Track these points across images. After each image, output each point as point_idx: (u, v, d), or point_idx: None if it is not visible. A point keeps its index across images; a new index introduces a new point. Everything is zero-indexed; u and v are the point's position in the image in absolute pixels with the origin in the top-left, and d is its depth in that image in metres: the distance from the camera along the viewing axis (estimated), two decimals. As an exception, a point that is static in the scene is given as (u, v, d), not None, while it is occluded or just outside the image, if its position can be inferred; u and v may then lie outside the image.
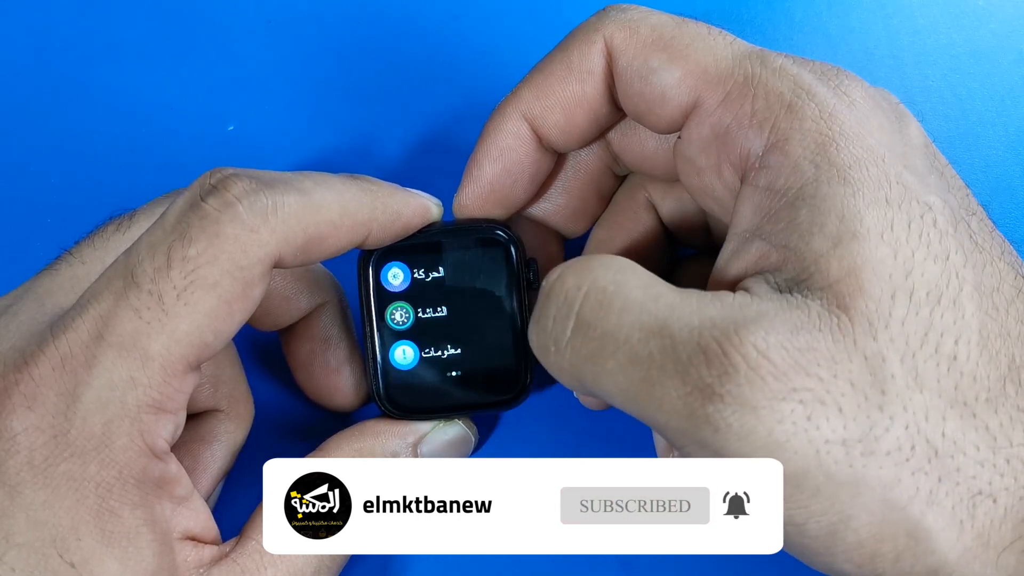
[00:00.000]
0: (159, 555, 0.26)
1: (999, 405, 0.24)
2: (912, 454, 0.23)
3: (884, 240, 0.24)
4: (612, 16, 0.30)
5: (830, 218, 0.25)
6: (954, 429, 0.23)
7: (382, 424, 0.32)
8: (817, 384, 0.23)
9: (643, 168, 0.34)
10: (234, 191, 0.27)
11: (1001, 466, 0.23)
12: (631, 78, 0.30)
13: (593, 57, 0.30)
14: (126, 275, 0.26)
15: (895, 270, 0.24)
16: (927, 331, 0.24)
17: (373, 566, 0.34)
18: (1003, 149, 0.41)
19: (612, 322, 0.25)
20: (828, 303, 0.24)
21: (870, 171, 0.25)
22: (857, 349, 0.23)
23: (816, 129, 0.26)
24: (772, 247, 0.26)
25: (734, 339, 0.23)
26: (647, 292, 0.25)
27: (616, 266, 0.26)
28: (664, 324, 0.24)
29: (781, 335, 0.23)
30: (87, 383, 0.25)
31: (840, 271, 0.24)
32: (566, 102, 0.31)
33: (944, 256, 0.25)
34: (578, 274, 0.26)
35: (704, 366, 0.23)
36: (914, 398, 0.23)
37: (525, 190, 0.33)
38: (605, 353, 0.25)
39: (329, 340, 0.35)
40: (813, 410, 0.23)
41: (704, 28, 0.29)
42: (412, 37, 0.43)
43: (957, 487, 0.23)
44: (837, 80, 0.28)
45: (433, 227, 0.32)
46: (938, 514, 0.23)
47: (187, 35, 0.43)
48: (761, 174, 0.27)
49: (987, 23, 0.43)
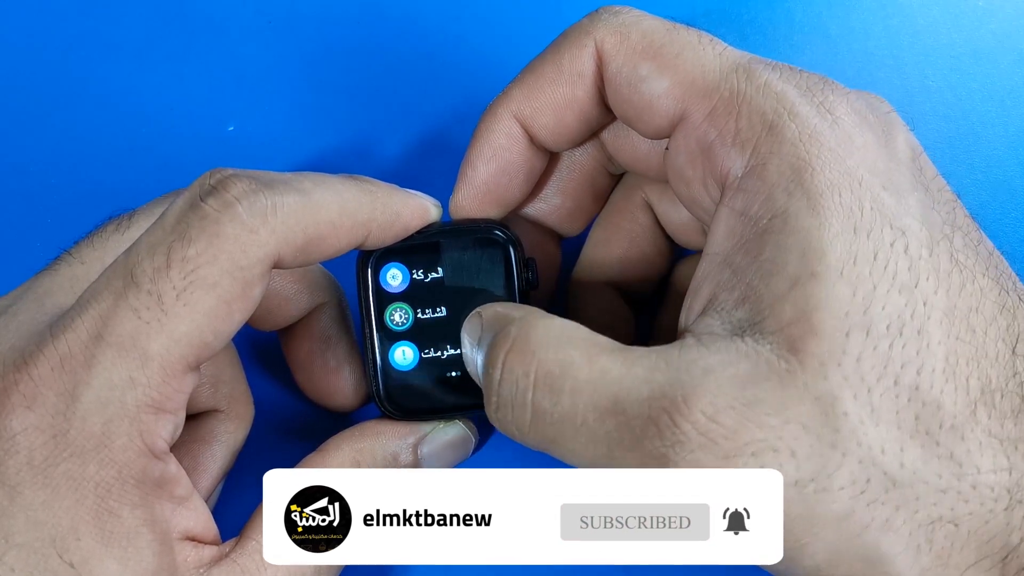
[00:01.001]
0: (159, 555, 0.26)
1: (966, 432, 0.24)
2: (867, 487, 0.23)
3: (843, 276, 0.24)
4: (604, 19, 0.30)
5: (791, 256, 0.25)
6: (914, 459, 0.24)
7: (382, 425, 0.32)
8: (769, 433, 0.23)
9: (637, 168, 0.34)
10: (234, 191, 0.27)
11: (966, 492, 0.24)
12: (620, 85, 0.30)
13: (584, 60, 0.30)
14: (126, 275, 0.26)
15: (853, 307, 0.24)
16: (886, 364, 0.24)
17: (373, 568, 0.34)
18: (1003, 149, 0.41)
19: (566, 406, 0.25)
20: (778, 347, 0.24)
21: (842, 197, 0.25)
22: (808, 392, 0.23)
23: (794, 153, 0.26)
24: (737, 280, 0.26)
25: (683, 409, 0.24)
26: (593, 369, 0.25)
27: (555, 340, 0.26)
28: (615, 400, 0.24)
29: (729, 394, 0.24)
30: (86, 383, 0.25)
31: (793, 314, 0.24)
32: (556, 104, 0.31)
33: (912, 284, 0.25)
34: (522, 359, 0.26)
35: (657, 438, 0.24)
36: (869, 433, 0.23)
37: (520, 189, 0.33)
38: (566, 436, 0.25)
39: (328, 340, 0.35)
40: (765, 458, 0.23)
41: (695, 36, 0.29)
42: (412, 37, 0.43)
43: (916, 514, 0.23)
44: (822, 96, 0.28)
45: (432, 228, 0.32)
46: (894, 540, 0.23)
47: (187, 35, 0.44)
48: (738, 196, 0.27)
49: (987, 23, 0.43)
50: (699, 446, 0.23)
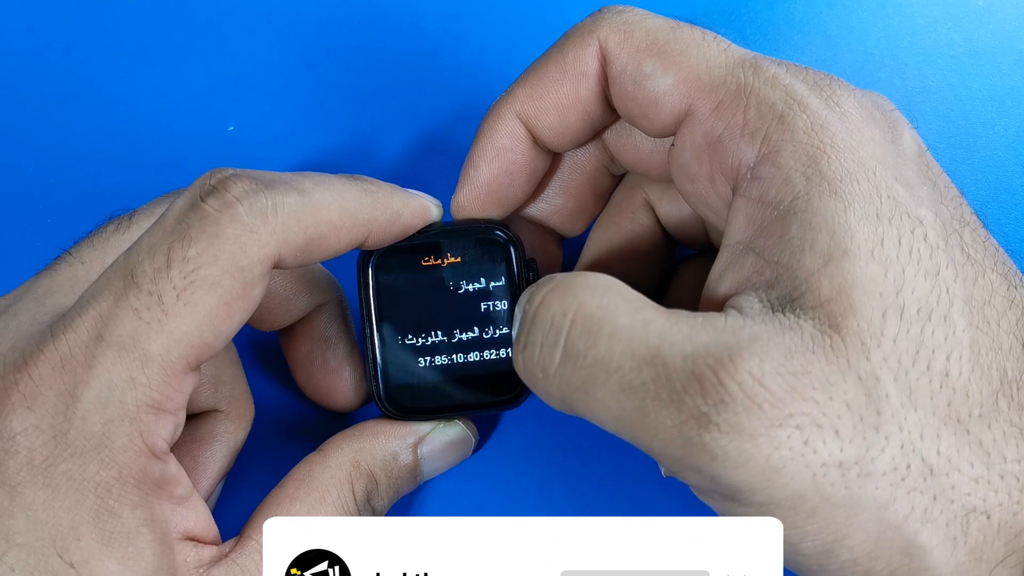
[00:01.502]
0: (159, 555, 0.26)
1: (992, 420, 0.24)
2: (908, 473, 0.23)
3: (874, 257, 0.24)
4: (607, 18, 0.30)
5: (821, 234, 0.24)
6: (948, 447, 0.23)
7: (382, 425, 0.32)
8: (813, 408, 0.23)
9: (639, 169, 0.34)
10: (234, 191, 0.27)
11: (995, 482, 0.23)
12: (625, 82, 0.30)
13: (587, 59, 0.30)
14: (126, 275, 0.26)
15: (886, 288, 0.24)
16: (919, 348, 0.24)
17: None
18: (1003, 149, 0.41)
19: (602, 350, 0.24)
20: (820, 323, 0.23)
21: (861, 185, 0.25)
22: (851, 370, 0.23)
23: (807, 141, 0.26)
24: (764, 262, 0.25)
25: (729, 367, 0.23)
26: (635, 317, 0.24)
27: (601, 287, 0.26)
28: (656, 352, 0.24)
29: (776, 361, 0.23)
30: (87, 383, 0.25)
31: (831, 290, 0.24)
32: (560, 103, 0.31)
33: (935, 271, 0.24)
34: (563, 298, 0.25)
35: (700, 395, 0.23)
36: (909, 417, 0.23)
37: (522, 189, 0.33)
38: (596, 382, 0.24)
39: (329, 340, 0.35)
40: (810, 434, 0.22)
41: (699, 33, 0.29)
42: (412, 37, 0.43)
43: (952, 504, 0.23)
44: (830, 90, 0.28)
45: (433, 228, 0.32)
46: (932, 532, 0.23)
47: (187, 35, 0.44)
48: (753, 185, 0.27)
49: (987, 23, 0.43)
50: (744, 408, 0.22)
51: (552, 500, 0.35)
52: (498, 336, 0.32)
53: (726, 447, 0.22)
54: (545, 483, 0.35)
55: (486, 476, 0.36)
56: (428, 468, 0.33)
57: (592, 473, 0.35)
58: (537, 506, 0.35)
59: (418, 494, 0.35)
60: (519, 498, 0.35)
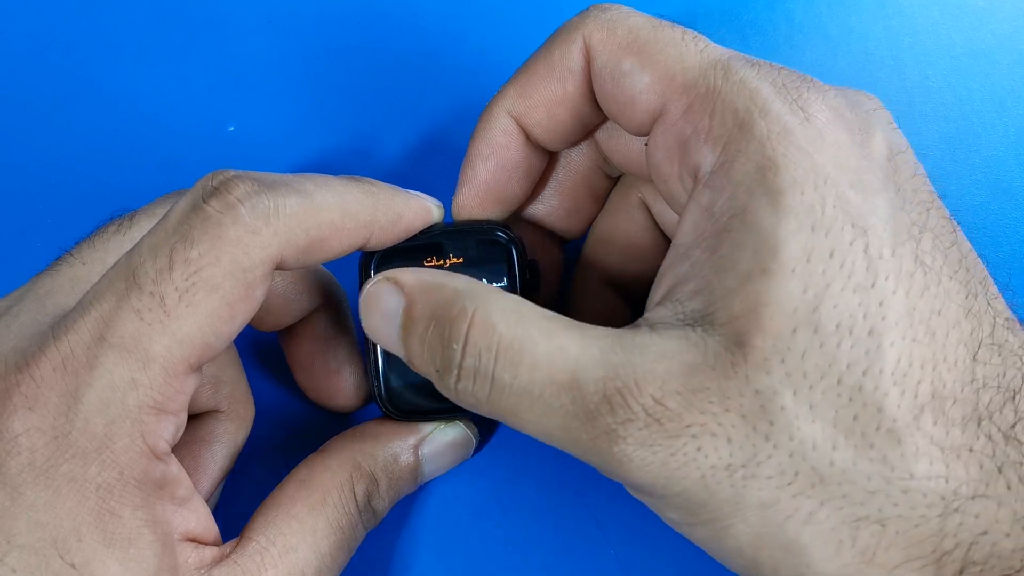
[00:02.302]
0: (160, 556, 0.26)
1: (904, 437, 0.24)
2: (795, 479, 0.24)
3: (796, 274, 0.25)
4: (593, 15, 0.30)
5: (745, 254, 0.25)
6: (844, 458, 0.24)
7: (383, 425, 0.32)
8: (709, 419, 0.24)
9: (631, 169, 0.34)
10: (236, 193, 0.27)
11: (895, 496, 0.24)
12: (605, 79, 0.30)
13: (573, 56, 0.30)
14: (128, 276, 0.26)
15: (802, 304, 0.24)
16: (831, 363, 0.24)
17: (374, 568, 0.34)
18: (1003, 149, 0.41)
19: (524, 380, 0.26)
20: (726, 340, 0.25)
21: (804, 196, 0.25)
22: (749, 384, 0.24)
23: (760, 151, 0.26)
24: (694, 273, 0.26)
25: (634, 390, 0.25)
26: (551, 344, 0.26)
27: (514, 315, 0.26)
28: (573, 377, 0.25)
29: (677, 381, 0.25)
30: (88, 384, 0.25)
31: (742, 308, 0.25)
32: (548, 100, 0.31)
33: (868, 284, 0.25)
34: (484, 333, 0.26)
35: (610, 415, 0.25)
36: (803, 428, 0.24)
37: (520, 187, 0.33)
38: (523, 408, 0.26)
39: (329, 341, 0.35)
40: (703, 442, 0.24)
41: (679, 32, 0.29)
42: (412, 37, 0.43)
43: (840, 511, 0.24)
44: (797, 93, 0.27)
45: (434, 228, 0.32)
46: (815, 533, 0.24)
47: (187, 35, 0.43)
48: (704, 192, 0.27)
49: (987, 24, 0.43)
50: (646, 425, 0.24)
51: (552, 500, 0.35)
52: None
53: (631, 456, 0.25)
54: (545, 483, 0.35)
55: (487, 477, 0.36)
56: (429, 469, 0.33)
57: (592, 473, 0.35)
58: (537, 506, 0.35)
59: (419, 495, 0.35)
60: (519, 498, 0.35)
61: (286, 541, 0.29)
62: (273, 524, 0.29)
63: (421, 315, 0.27)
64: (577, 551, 0.34)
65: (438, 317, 0.27)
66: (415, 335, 0.27)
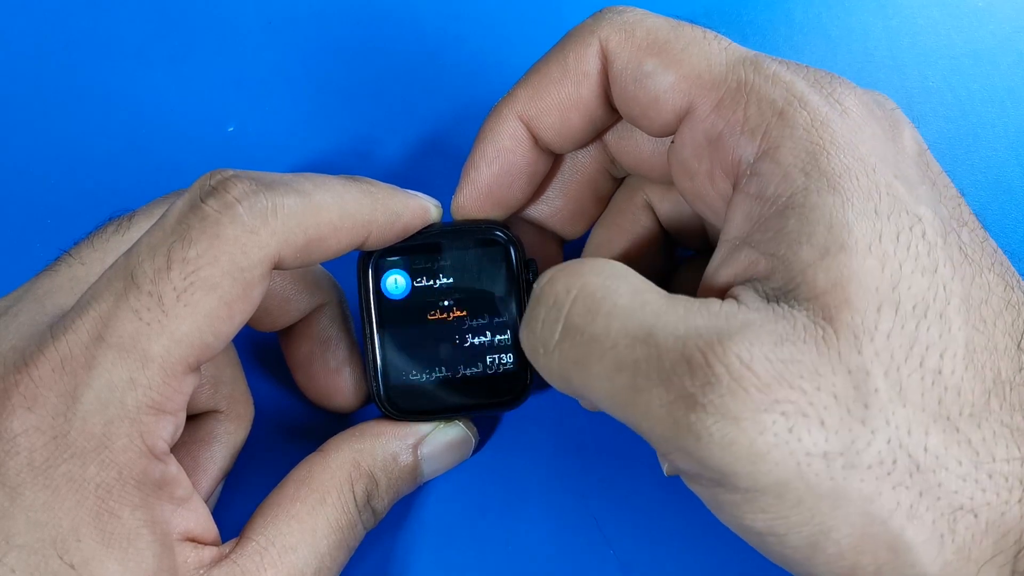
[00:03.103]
0: (159, 556, 0.26)
1: (982, 420, 0.24)
2: (894, 468, 0.23)
3: (872, 252, 0.24)
4: (608, 18, 0.30)
5: (818, 228, 0.24)
6: (936, 444, 0.23)
7: (382, 425, 0.32)
8: (800, 396, 0.23)
9: (640, 171, 0.34)
10: (234, 192, 0.27)
11: (983, 481, 0.23)
12: (626, 81, 0.30)
13: (589, 59, 0.30)
14: (126, 276, 0.26)
15: (882, 283, 0.24)
16: (912, 345, 0.24)
17: (374, 568, 0.34)
18: (1003, 150, 0.41)
19: (599, 327, 0.25)
20: (814, 315, 0.24)
21: (860, 181, 0.25)
22: (841, 362, 0.23)
23: (807, 138, 0.26)
24: (761, 255, 0.26)
25: (717, 349, 0.23)
26: (635, 298, 0.25)
27: (607, 271, 0.26)
28: (650, 331, 0.24)
29: (765, 347, 0.23)
30: (87, 384, 0.25)
31: (827, 282, 0.24)
32: (561, 104, 0.31)
33: (932, 268, 0.24)
34: (568, 277, 0.26)
35: (687, 376, 0.23)
36: (897, 412, 0.23)
37: (523, 191, 0.33)
38: (592, 358, 0.25)
39: (328, 340, 0.35)
40: (795, 422, 0.22)
41: (699, 32, 0.29)
42: (412, 38, 0.43)
43: (938, 501, 0.23)
44: (831, 87, 0.28)
45: (433, 228, 0.32)
46: (919, 528, 0.23)
47: (187, 35, 0.44)
48: (752, 181, 0.27)
49: (987, 24, 0.43)
50: (729, 391, 0.22)
51: (552, 500, 0.35)
52: (497, 337, 0.33)
53: (711, 428, 0.22)
54: (545, 483, 0.35)
55: (486, 477, 0.36)
56: (428, 468, 0.33)
57: (592, 474, 0.35)
58: (537, 507, 0.35)
59: (418, 495, 0.35)
60: (519, 499, 0.35)
61: (285, 541, 0.29)
62: (272, 524, 0.29)
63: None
64: (577, 551, 0.34)
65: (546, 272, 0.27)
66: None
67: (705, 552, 0.34)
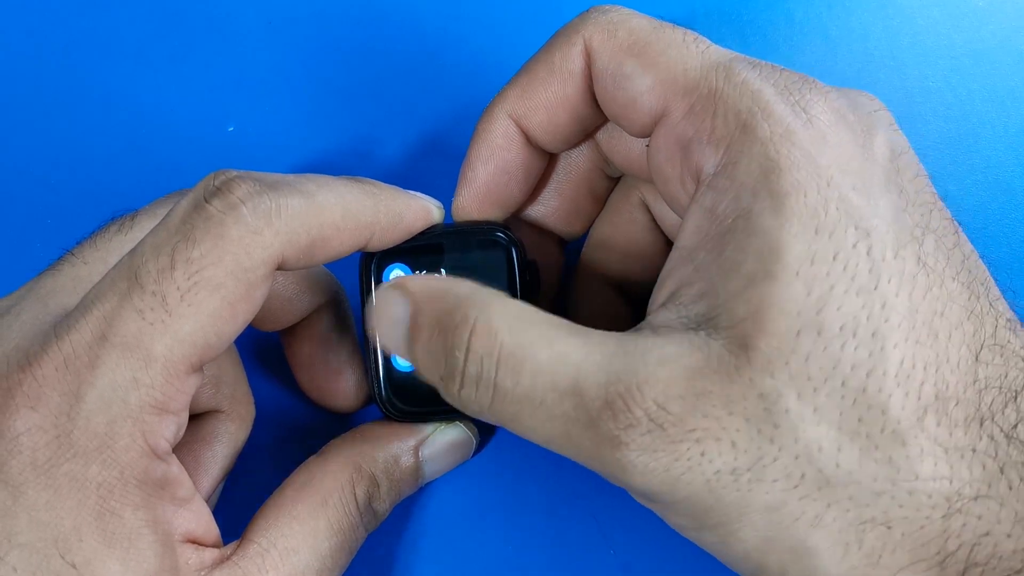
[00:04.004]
0: (160, 557, 0.26)
1: (908, 438, 0.24)
2: (801, 482, 0.24)
3: (800, 276, 0.24)
4: (593, 17, 0.30)
5: (749, 257, 0.25)
6: (850, 460, 0.24)
7: (383, 427, 0.33)
8: (713, 423, 0.24)
9: (631, 170, 0.34)
10: (238, 193, 0.27)
11: (900, 497, 0.24)
12: (606, 82, 0.30)
13: (573, 58, 0.30)
14: (130, 276, 0.26)
15: (805, 307, 0.24)
16: (835, 366, 0.24)
17: (375, 570, 0.34)
18: (1003, 150, 0.41)
19: (526, 387, 0.25)
20: (730, 343, 0.24)
21: (807, 198, 0.25)
22: (753, 387, 0.24)
23: (763, 153, 0.26)
24: (697, 277, 0.26)
25: (636, 395, 0.24)
26: (553, 351, 0.26)
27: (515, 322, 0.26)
28: (575, 383, 0.25)
29: (680, 385, 0.24)
30: (90, 383, 0.25)
31: (746, 312, 0.25)
32: (548, 102, 0.31)
33: (871, 287, 0.25)
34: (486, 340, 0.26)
35: (612, 421, 0.24)
36: (808, 431, 0.24)
37: (519, 189, 0.33)
38: (524, 414, 0.26)
39: (330, 342, 0.35)
40: (707, 446, 0.24)
41: (680, 34, 0.29)
42: (412, 38, 0.43)
43: (847, 513, 0.24)
44: (799, 95, 0.27)
45: (435, 229, 0.32)
46: (823, 535, 0.24)
47: (187, 35, 0.43)
48: (708, 194, 0.27)
49: (987, 24, 0.43)
50: (648, 431, 0.24)
51: (553, 501, 0.35)
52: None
53: (633, 461, 0.24)
54: (546, 484, 0.35)
55: (487, 478, 0.36)
56: (429, 470, 0.33)
57: (592, 474, 0.35)
58: (538, 507, 0.35)
59: (419, 496, 0.35)
60: (520, 499, 0.35)
61: (287, 543, 0.29)
62: (274, 526, 0.29)
63: (425, 323, 0.27)
64: (577, 552, 0.34)
65: (442, 325, 0.27)
66: (420, 343, 0.27)
67: (705, 552, 0.34)
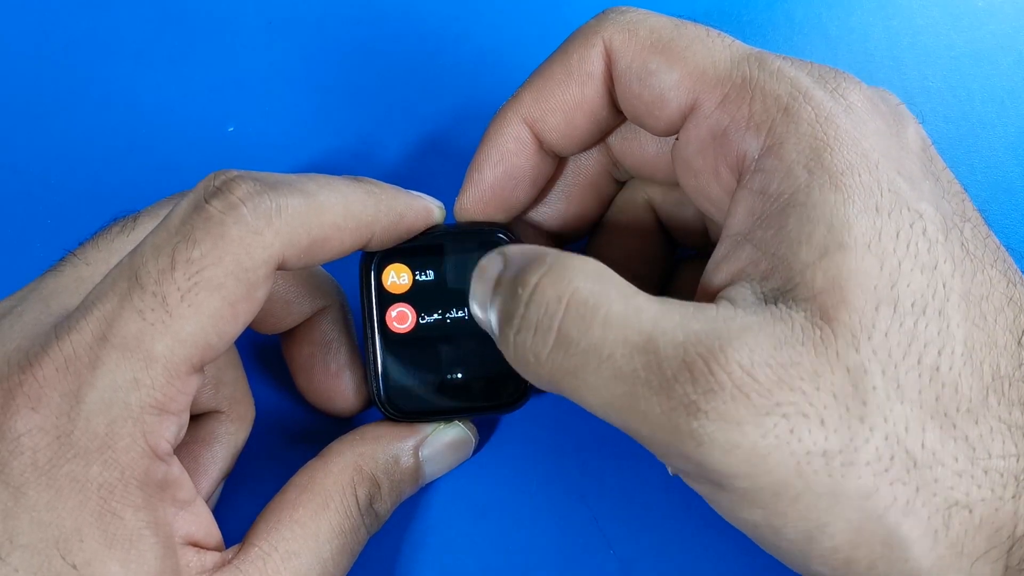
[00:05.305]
0: (161, 558, 0.26)
1: (980, 416, 0.24)
2: (891, 464, 0.23)
3: (871, 250, 0.24)
4: (611, 18, 0.30)
5: (818, 228, 0.25)
6: (933, 440, 0.23)
7: (383, 428, 0.32)
8: (800, 397, 0.23)
9: (643, 173, 0.34)
10: (238, 193, 0.27)
11: (979, 477, 0.24)
12: (630, 80, 0.30)
13: (592, 60, 0.30)
14: (130, 276, 0.26)
15: (880, 281, 0.24)
16: (911, 342, 0.24)
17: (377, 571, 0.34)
18: (1003, 150, 0.41)
19: (595, 336, 0.24)
20: (812, 315, 0.24)
21: (862, 177, 0.25)
22: (839, 361, 0.23)
23: (811, 133, 0.26)
24: (761, 253, 0.26)
25: (720, 357, 0.23)
26: (628, 304, 0.24)
27: (594, 274, 0.25)
28: (649, 339, 0.24)
29: (765, 351, 0.23)
30: (91, 384, 0.25)
31: (825, 282, 0.24)
32: (566, 105, 0.31)
33: (932, 266, 0.25)
34: (557, 284, 0.25)
35: (690, 383, 0.23)
36: (895, 409, 0.23)
37: (526, 194, 0.33)
38: (588, 368, 0.24)
39: (330, 344, 0.35)
40: (795, 423, 0.23)
41: (703, 30, 0.29)
42: (413, 38, 0.43)
43: (934, 497, 0.23)
44: (835, 83, 0.28)
45: (436, 229, 0.32)
46: (914, 523, 0.23)
47: (187, 35, 0.43)
48: (756, 177, 0.27)
49: (987, 24, 0.43)
50: (732, 397, 0.23)
51: (553, 501, 0.35)
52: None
53: (713, 434, 0.23)
54: (546, 484, 0.35)
55: (487, 477, 0.36)
56: (429, 470, 0.33)
57: (593, 474, 0.35)
58: (538, 507, 0.35)
59: (419, 497, 0.35)
60: (520, 499, 0.35)
61: (288, 546, 0.28)
62: (275, 529, 0.29)
63: (507, 276, 0.26)
64: (577, 551, 0.34)
65: (522, 270, 0.26)
66: (498, 292, 0.26)
67: (705, 552, 0.34)
